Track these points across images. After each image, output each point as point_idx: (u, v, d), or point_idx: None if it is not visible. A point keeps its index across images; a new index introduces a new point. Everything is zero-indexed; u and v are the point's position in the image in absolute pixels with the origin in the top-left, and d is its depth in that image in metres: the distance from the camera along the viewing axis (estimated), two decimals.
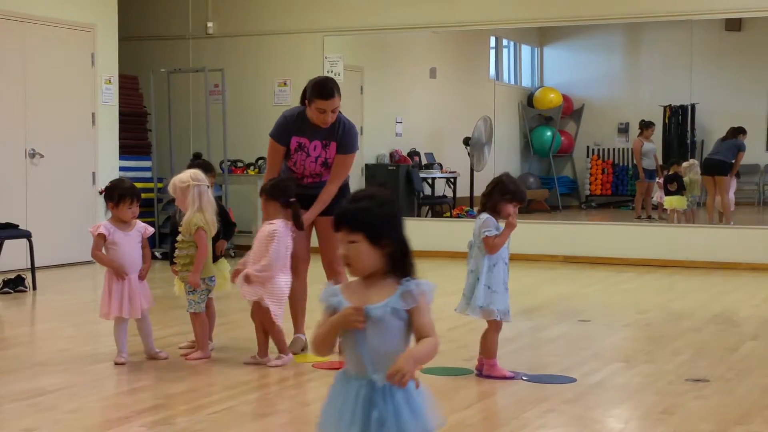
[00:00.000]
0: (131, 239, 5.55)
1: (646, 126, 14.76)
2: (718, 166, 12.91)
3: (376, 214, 2.57)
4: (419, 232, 11.99)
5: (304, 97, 5.66)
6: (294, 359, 5.53)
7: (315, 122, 5.58)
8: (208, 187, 5.61)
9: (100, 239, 5.50)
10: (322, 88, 5.52)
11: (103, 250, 5.52)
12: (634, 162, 15.15)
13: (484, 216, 5.11)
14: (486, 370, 5.16)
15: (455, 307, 5.24)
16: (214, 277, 5.68)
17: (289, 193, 5.44)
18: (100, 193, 6.81)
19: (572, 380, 5.09)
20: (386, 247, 2.56)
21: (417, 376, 2.53)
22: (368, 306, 2.54)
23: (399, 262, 2.58)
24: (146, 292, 5.59)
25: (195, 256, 5.48)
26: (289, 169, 5.74)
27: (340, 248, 2.58)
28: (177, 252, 5.60)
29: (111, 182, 5.72)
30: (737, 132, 12.92)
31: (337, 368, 2.65)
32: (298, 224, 5.44)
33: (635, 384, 5.09)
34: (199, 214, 5.49)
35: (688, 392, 4.85)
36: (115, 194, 5.50)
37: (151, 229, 5.69)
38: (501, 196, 5.07)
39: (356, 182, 10.17)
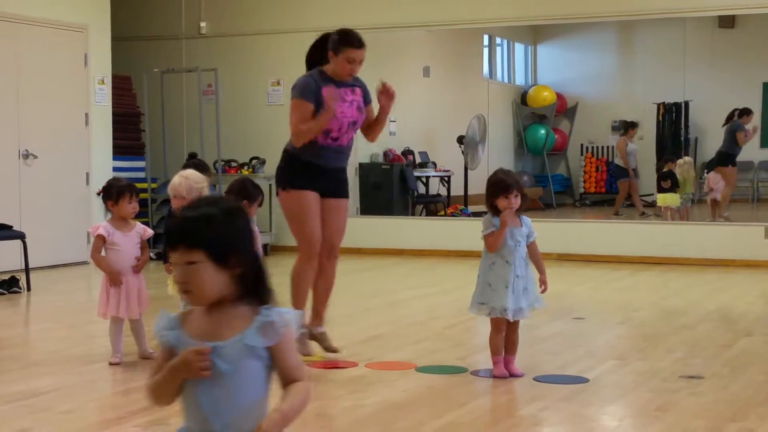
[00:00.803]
0: (130, 240, 5.53)
1: (630, 126, 14.81)
2: (717, 158, 12.97)
3: (222, 226, 2.04)
4: (414, 231, 12.02)
5: (310, 64, 5.53)
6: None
7: (340, 75, 5.40)
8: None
9: (100, 240, 5.48)
10: (353, 37, 5.36)
11: (103, 252, 5.51)
12: (617, 162, 15.13)
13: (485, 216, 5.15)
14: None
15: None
16: None
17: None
18: (98, 194, 6.78)
19: (585, 380, 5.06)
20: (235, 267, 2.03)
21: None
22: (217, 344, 2.01)
23: (253, 287, 2.06)
24: (143, 293, 5.58)
25: None
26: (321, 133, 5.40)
27: (175, 271, 2.08)
28: None
29: (107, 182, 5.72)
30: (739, 114, 12.81)
31: (333, 367, 2.39)
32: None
33: (629, 381, 5.09)
34: None
35: (683, 389, 4.86)
36: (114, 191, 5.50)
37: (150, 231, 5.66)
38: (489, 193, 5.09)
39: (351, 183, 10.13)
